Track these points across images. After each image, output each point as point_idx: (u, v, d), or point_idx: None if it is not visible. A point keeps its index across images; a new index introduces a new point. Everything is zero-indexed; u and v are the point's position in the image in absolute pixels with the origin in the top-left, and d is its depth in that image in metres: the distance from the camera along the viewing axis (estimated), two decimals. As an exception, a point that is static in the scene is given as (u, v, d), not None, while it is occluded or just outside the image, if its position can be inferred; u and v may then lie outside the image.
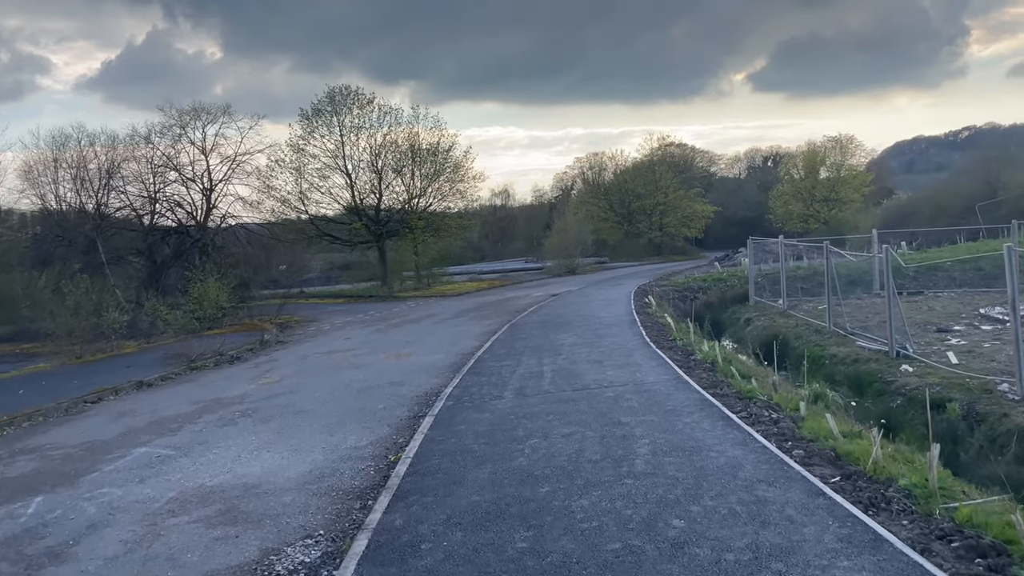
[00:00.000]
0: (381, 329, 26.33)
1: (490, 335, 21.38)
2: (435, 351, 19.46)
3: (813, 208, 64.84)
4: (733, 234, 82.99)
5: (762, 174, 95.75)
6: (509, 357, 16.45)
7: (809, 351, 20.06)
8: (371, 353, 20.33)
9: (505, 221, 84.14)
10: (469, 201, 46.38)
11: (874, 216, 48.99)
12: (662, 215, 70.64)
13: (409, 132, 44.19)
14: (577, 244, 55.10)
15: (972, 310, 23.07)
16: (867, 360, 17.74)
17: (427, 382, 14.92)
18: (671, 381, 11.87)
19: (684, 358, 13.90)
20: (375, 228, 43.82)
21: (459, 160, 45.60)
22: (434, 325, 26.20)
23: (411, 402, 13.14)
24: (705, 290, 32.52)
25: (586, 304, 27.68)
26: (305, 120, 43.25)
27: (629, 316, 22.44)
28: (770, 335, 21.51)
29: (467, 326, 24.76)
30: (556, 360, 15.19)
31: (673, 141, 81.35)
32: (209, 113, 31.74)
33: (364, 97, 43.35)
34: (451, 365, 16.82)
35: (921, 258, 30.05)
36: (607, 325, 20.38)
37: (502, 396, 12.18)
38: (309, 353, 21.68)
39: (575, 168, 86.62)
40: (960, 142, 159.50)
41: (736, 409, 9.68)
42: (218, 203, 32.38)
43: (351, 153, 43.53)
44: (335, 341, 24.08)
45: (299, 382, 16.60)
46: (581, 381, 12.59)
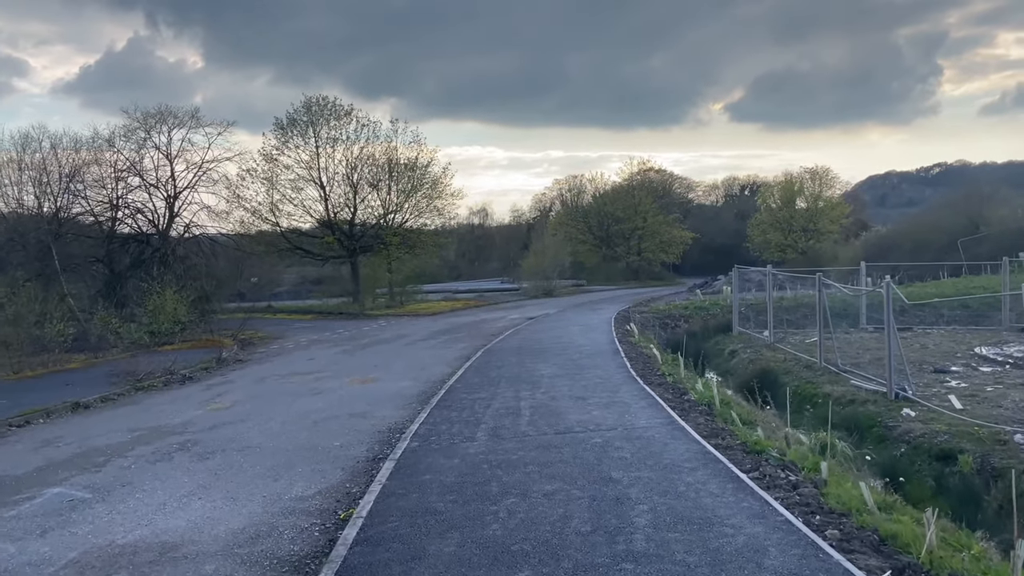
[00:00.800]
0: (348, 350, 24.71)
1: (463, 361, 19.88)
2: (404, 377, 17.93)
3: (791, 238, 64.25)
4: (710, 261, 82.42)
5: (739, 202, 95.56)
6: (483, 388, 14.97)
7: (800, 389, 18.82)
8: (334, 377, 18.73)
9: (482, 240, 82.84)
10: (447, 218, 45.01)
11: (855, 248, 48.34)
12: (640, 239, 69.69)
13: (387, 146, 42.77)
14: (555, 266, 53.84)
15: (967, 349, 22.01)
16: (864, 401, 16.50)
17: (392, 415, 13.38)
18: (665, 426, 10.46)
19: (676, 398, 12.51)
20: (348, 243, 42.18)
21: (437, 176, 44.23)
22: (405, 347, 24.64)
23: (372, 439, 11.60)
24: (687, 318, 31.29)
25: (565, 330, 26.28)
26: (280, 130, 41.67)
27: (611, 345, 21.07)
28: (758, 370, 20.26)
29: (440, 350, 23.24)
30: (535, 394, 13.73)
31: (652, 166, 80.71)
32: (176, 117, 30.11)
33: (341, 108, 41.90)
34: (420, 394, 15.30)
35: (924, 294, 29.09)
36: (588, 355, 18.98)
37: (474, 437, 10.69)
38: (268, 375, 20.02)
39: (554, 190, 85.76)
40: (931, 178, 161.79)
41: (746, 467, 8.28)
42: (182, 211, 30.62)
43: (326, 165, 41.98)
44: (298, 362, 22.43)
45: (251, 409, 14.96)
46: (563, 422, 11.13)
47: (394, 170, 42.69)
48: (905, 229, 47.99)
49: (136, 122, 30.35)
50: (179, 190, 30.56)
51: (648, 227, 69.23)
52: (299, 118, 41.73)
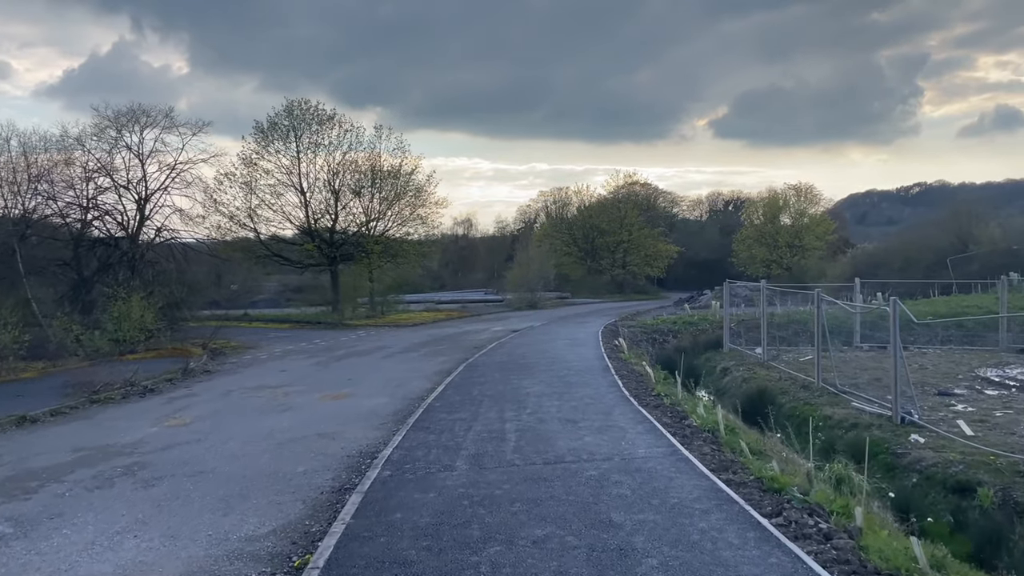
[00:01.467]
0: (323, 362, 23.41)
1: (444, 376, 18.67)
2: (379, 392, 16.69)
3: (776, 253, 63.61)
4: (694, 276, 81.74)
5: (723, 218, 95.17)
6: (464, 407, 13.76)
7: (799, 411, 17.78)
8: (306, 391, 17.45)
9: (466, 250, 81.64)
10: (430, 227, 43.76)
11: (843, 264, 47.66)
12: (626, 252, 68.83)
13: (370, 153, 41.55)
14: (539, 278, 52.75)
15: (968, 370, 21.09)
16: (868, 426, 15.44)
17: (364, 436, 12.15)
18: (668, 457, 9.32)
19: (676, 422, 11.37)
20: (328, 251, 40.85)
21: (421, 184, 43.03)
22: (382, 360, 23.38)
23: (339, 465, 10.36)
24: (675, 333, 30.24)
25: (551, 344, 25.13)
26: (260, 133, 40.34)
27: (600, 361, 19.93)
28: (754, 390, 19.20)
29: (419, 363, 22.01)
30: (520, 415, 12.54)
31: (638, 180, 79.97)
32: (148, 116, 28.73)
33: (324, 113, 40.66)
34: (396, 413, 14.08)
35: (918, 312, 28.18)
36: (577, 371, 17.82)
37: (453, 466, 9.48)
38: (235, 388, 18.69)
39: (539, 201, 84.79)
40: (911, 198, 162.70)
41: (766, 509, 7.15)
42: (153, 214, 29.19)
43: (307, 171, 40.68)
44: (269, 374, 21.10)
45: (211, 426, 13.66)
46: (553, 449, 9.95)
47: (377, 177, 41.47)
48: (893, 246, 47.40)
49: (107, 121, 28.97)
50: (150, 192, 29.15)
51: (633, 240, 68.40)
52: (280, 122, 40.46)
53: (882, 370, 21.67)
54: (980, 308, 29.09)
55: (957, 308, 29.68)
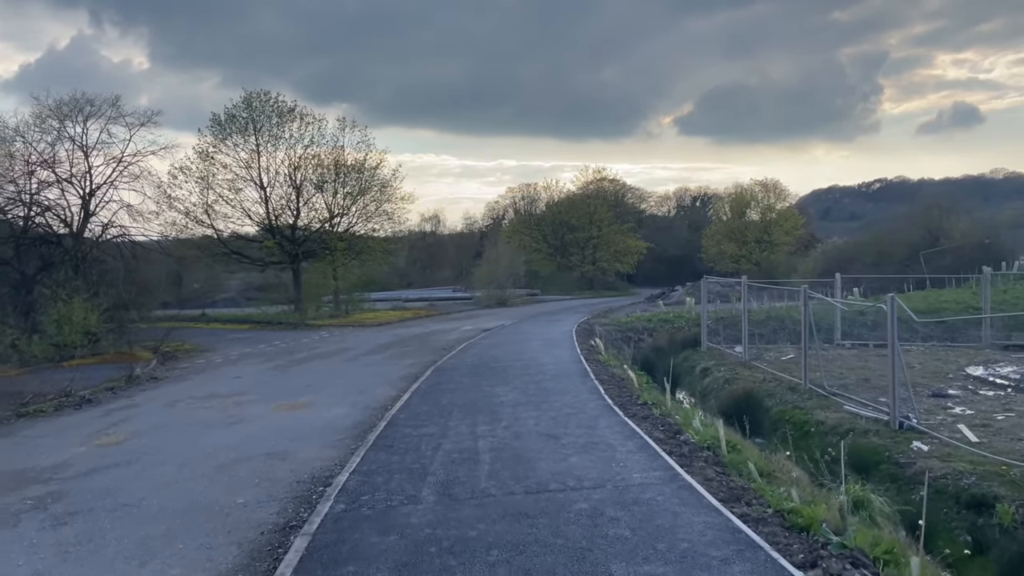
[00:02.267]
0: (282, 366, 21.80)
1: (410, 382, 17.22)
2: (339, 402, 15.20)
3: (746, 249, 63.04)
4: (663, 271, 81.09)
5: (691, 214, 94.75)
6: (432, 420, 12.34)
7: (788, 415, 16.66)
8: (259, 401, 15.88)
9: (434, 247, 80.00)
10: (396, 223, 42.11)
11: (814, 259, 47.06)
12: (595, 248, 67.81)
13: (333, 146, 39.80)
14: (509, 275, 51.41)
15: (956, 369, 20.19)
16: (865, 432, 14.33)
17: (318, 456, 10.68)
18: (668, 483, 8.01)
19: (669, 438, 10.08)
20: (290, 248, 39.03)
21: (387, 179, 41.40)
22: (345, 363, 21.84)
23: (287, 494, 8.90)
24: (651, 331, 29.09)
25: (524, 344, 23.77)
26: (217, 126, 38.38)
27: (578, 364, 18.63)
28: (739, 392, 18.04)
29: (384, 367, 20.52)
30: (495, 429, 11.16)
31: (607, 176, 78.90)
32: (92, 105, 26.73)
33: (284, 105, 38.80)
34: (355, 426, 12.62)
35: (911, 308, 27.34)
36: (554, 376, 16.48)
37: (419, 497, 8.08)
38: (182, 397, 17.04)
39: (507, 198, 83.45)
40: (872, 193, 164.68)
41: (797, 557, 5.86)
42: (99, 210, 27.20)
43: (267, 165, 38.84)
44: (221, 380, 19.45)
45: (148, 445, 12.08)
46: (535, 474, 8.59)
47: (341, 172, 39.76)
48: (865, 241, 46.93)
49: (48, 110, 26.92)
50: (96, 186, 27.14)
51: (603, 236, 67.40)
52: (238, 114, 38.55)
53: (868, 369, 20.72)
54: (959, 303, 28.38)
55: (936, 303, 28.96)
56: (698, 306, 33.75)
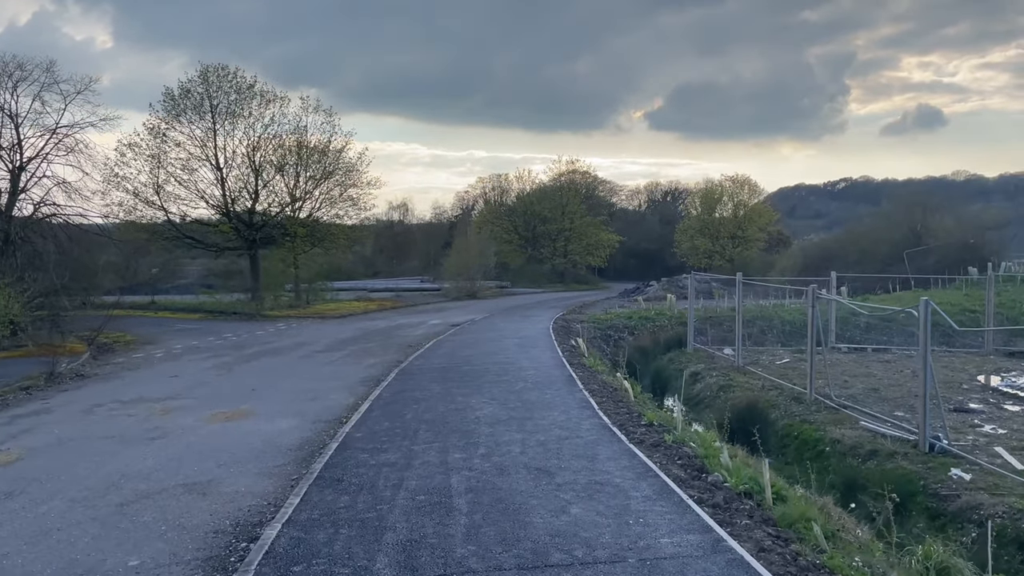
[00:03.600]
0: (228, 363, 19.33)
1: (371, 387, 14.93)
2: (286, 411, 12.88)
3: (719, 244, 61.53)
4: (634, 266, 79.43)
5: (662, 208, 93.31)
6: (394, 442, 10.08)
7: (797, 431, 14.72)
8: (194, 407, 13.47)
9: (402, 236, 77.33)
10: (361, 209, 39.47)
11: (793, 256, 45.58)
12: (567, 241, 65.79)
13: (296, 125, 37.08)
14: (479, 266, 49.12)
15: (968, 378, 18.49)
16: (891, 454, 12.43)
17: (248, 490, 8.39)
18: (710, 554, 5.85)
19: (693, 476, 7.94)
20: (247, 233, 36.27)
21: (352, 163, 38.78)
22: (299, 361, 19.44)
23: (195, 554, 6.60)
24: (632, 329, 27.06)
25: (498, 343, 21.55)
26: (170, 101, 35.41)
27: (561, 368, 16.46)
28: (740, 403, 16.03)
29: (342, 367, 18.19)
30: (471, 459, 8.94)
31: (579, 167, 76.72)
32: (23, 70, 23.77)
33: (244, 81, 35.97)
34: (301, 446, 10.33)
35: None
36: (536, 384, 14.29)
37: (371, 570, 5.84)
38: (106, 400, 14.54)
39: (477, 187, 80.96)
40: (837, 192, 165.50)
41: None
42: (30, 187, 24.30)
43: (224, 144, 35.98)
44: (155, 381, 16.94)
45: (43, 469, 9.65)
46: (528, 535, 6.39)
47: (303, 153, 37.08)
48: (844, 238, 45.55)
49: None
50: (26, 160, 24.24)
51: (575, 229, 65.42)
52: (194, 89, 35.62)
53: (873, 377, 18.94)
54: (953, 305, 26.78)
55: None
56: (681, 303, 31.88)
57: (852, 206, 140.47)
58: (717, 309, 27.71)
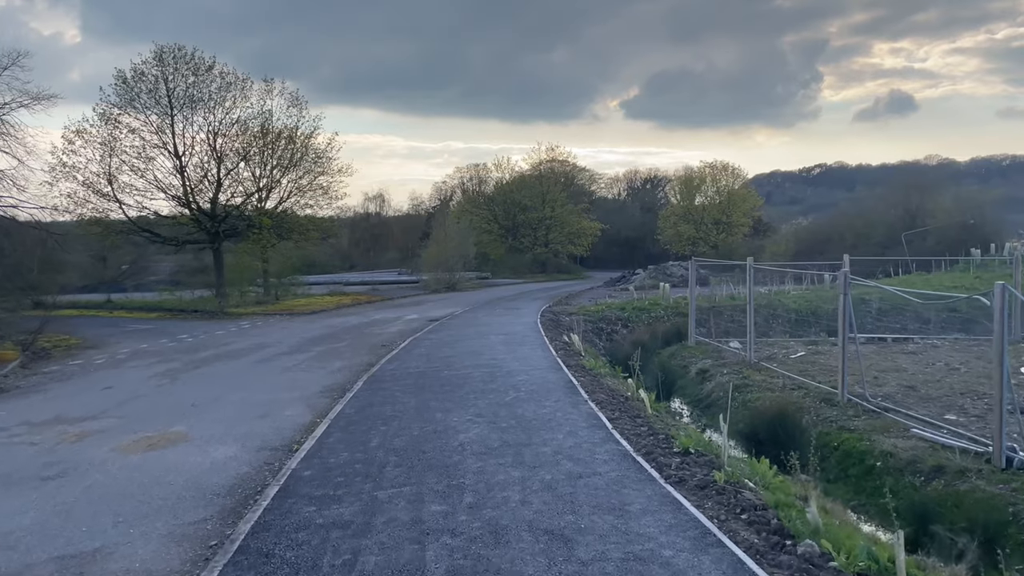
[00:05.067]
0: (174, 370, 16.67)
1: (333, 399, 12.41)
2: (227, 433, 10.34)
3: (703, 231, 59.40)
4: (615, 254, 77.23)
5: (642, 196, 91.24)
6: (352, 488, 7.58)
7: (838, 440, 12.39)
8: (115, 430, 10.88)
9: (378, 228, 74.45)
10: (333, 198, 36.61)
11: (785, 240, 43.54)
12: (548, 230, 63.33)
13: (260, 109, 34.21)
14: (459, 257, 46.57)
15: (1013, 371, 16.34)
16: (960, 472, 10.12)
17: (146, 567, 5.87)
18: None
19: (772, 545, 5.56)
20: (210, 225, 33.38)
21: (322, 149, 35.98)
22: (256, 367, 16.83)
23: None
24: (625, 321, 24.69)
25: (482, 340, 19.05)
26: (123, 84, 32.32)
27: (557, 371, 14.01)
28: (767, 408, 13.67)
29: (304, 373, 15.62)
30: (455, 516, 6.46)
31: (560, 154, 74.15)
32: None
33: (202, 62, 32.98)
34: (233, 489, 7.83)
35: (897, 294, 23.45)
36: (531, 393, 11.82)
37: None
38: (11, 423, 11.89)
39: (455, 178, 78.19)
40: (812, 178, 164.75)
41: None
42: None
43: (183, 130, 33.02)
44: (83, 394, 14.27)
45: None
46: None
47: (268, 139, 34.23)
48: (837, 222, 43.55)
49: None
50: (-51, 145, 21.35)
51: (556, 217, 62.99)
52: (148, 71, 32.58)
53: (904, 372, 16.73)
54: (965, 288, 24.71)
55: (940, 288, 25.24)
56: (676, 292, 29.63)
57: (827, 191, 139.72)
58: (717, 298, 25.47)
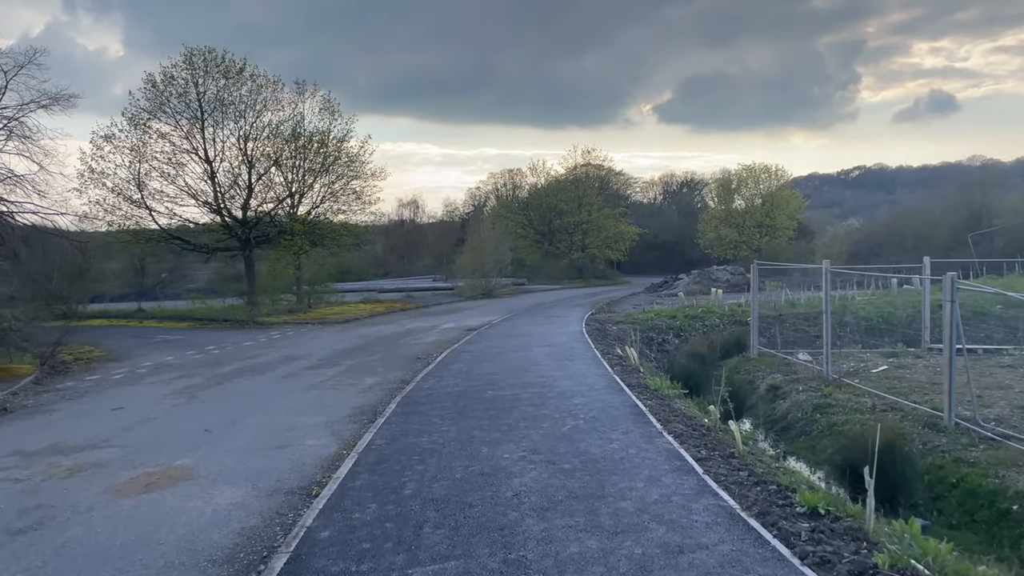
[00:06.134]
0: (194, 387, 15.18)
1: (363, 425, 10.74)
2: (238, 470, 8.71)
3: (745, 234, 56.92)
4: (652, 259, 74.91)
5: (679, 199, 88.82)
6: (383, 557, 5.87)
7: (955, 476, 10.33)
8: (113, 464, 9.32)
9: (413, 235, 73.22)
10: (366, 203, 35.16)
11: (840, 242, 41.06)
12: (584, 234, 61.34)
13: (292, 112, 32.97)
14: (494, 263, 44.90)
15: None
16: None
17: None
18: None
19: None
20: (241, 232, 32.16)
21: (354, 153, 34.60)
22: (281, 383, 15.27)
23: None
24: (677, 331, 22.70)
25: (526, 354, 17.25)
26: (152, 88, 31.30)
27: (616, 392, 12.15)
28: (857, 432, 11.65)
29: (332, 391, 14.00)
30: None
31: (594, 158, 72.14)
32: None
33: (233, 65, 31.82)
34: (232, 557, 6.15)
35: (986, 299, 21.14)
36: (591, 421, 9.99)
37: None
38: (4, 451, 10.41)
39: (489, 183, 76.66)
40: (851, 180, 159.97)
41: None
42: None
43: (213, 134, 31.87)
44: (90, 416, 12.80)
45: None
46: None
47: (299, 141, 32.95)
48: (893, 224, 40.93)
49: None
50: (-34, 148, 20.26)
51: (593, 221, 61.01)
52: (178, 75, 31.51)
53: (1009, 389, 14.55)
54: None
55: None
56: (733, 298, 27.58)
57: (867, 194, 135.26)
58: (776, 305, 23.38)
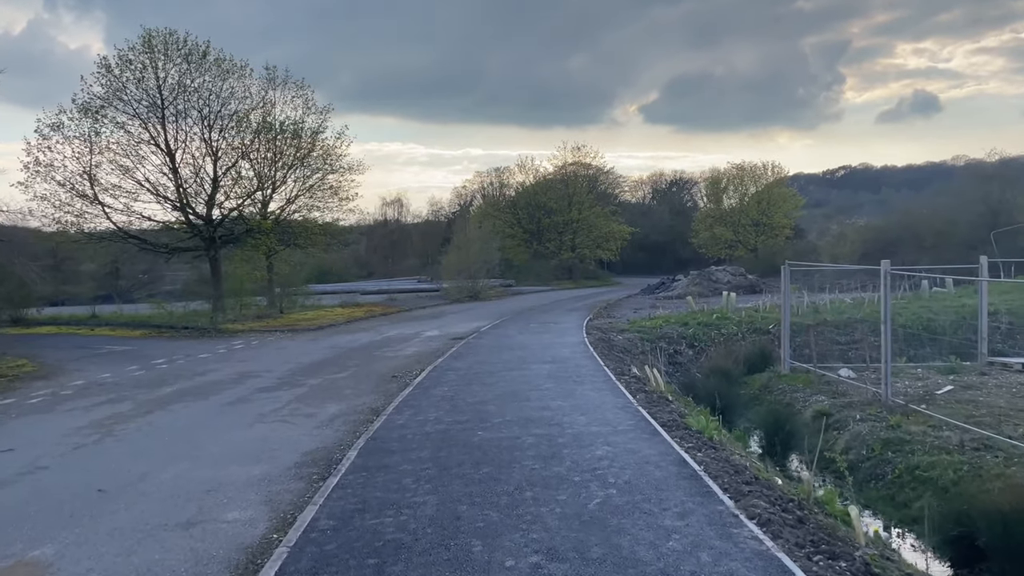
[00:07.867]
0: (115, 417, 12.12)
1: (309, 486, 7.77)
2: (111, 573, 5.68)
3: (741, 234, 54.31)
4: (643, 259, 72.25)
5: (669, 198, 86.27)
6: None
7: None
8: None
9: (397, 234, 70.09)
10: (344, 199, 32.11)
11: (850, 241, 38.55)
12: (575, 234, 58.52)
13: (262, 99, 29.88)
14: (481, 263, 41.95)
15: None
16: None
17: None
18: None
19: None
20: (205, 230, 29.01)
21: (330, 145, 31.55)
22: (222, 412, 12.23)
23: None
24: (691, 340, 19.86)
25: (524, 373, 14.29)
26: (107, 73, 28.10)
27: (652, 437, 9.20)
28: (974, 492, 8.83)
29: (283, 426, 11.00)
30: None
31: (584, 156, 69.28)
32: None
33: (197, 48, 28.68)
34: None
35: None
36: (629, 490, 7.04)
37: None
38: None
39: (475, 182, 73.63)
40: (836, 180, 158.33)
41: None
42: None
43: (175, 123, 28.72)
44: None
45: None
46: None
47: (270, 131, 29.86)
48: (905, 221, 38.46)
49: None
50: None
51: (583, 220, 58.21)
52: (135, 59, 28.32)
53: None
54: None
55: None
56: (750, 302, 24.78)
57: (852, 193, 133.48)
58: (799, 310, 20.61)
